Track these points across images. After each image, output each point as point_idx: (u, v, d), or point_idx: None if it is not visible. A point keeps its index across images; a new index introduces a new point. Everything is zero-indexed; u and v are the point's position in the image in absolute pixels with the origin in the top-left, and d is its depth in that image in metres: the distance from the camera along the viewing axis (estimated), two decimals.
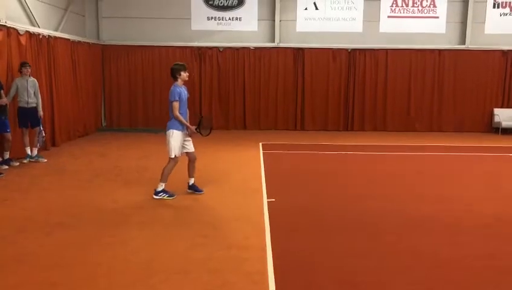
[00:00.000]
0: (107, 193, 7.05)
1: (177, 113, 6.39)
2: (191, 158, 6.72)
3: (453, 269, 4.30)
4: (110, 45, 14.78)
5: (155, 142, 12.24)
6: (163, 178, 6.50)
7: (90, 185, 7.53)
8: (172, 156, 6.47)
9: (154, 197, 6.47)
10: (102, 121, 15.04)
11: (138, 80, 15.04)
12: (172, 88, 6.46)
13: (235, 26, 14.96)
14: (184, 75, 6.54)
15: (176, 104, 6.40)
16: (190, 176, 6.83)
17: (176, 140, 6.44)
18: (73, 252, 4.63)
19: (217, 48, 14.91)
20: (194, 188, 6.85)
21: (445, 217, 5.93)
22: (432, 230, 5.43)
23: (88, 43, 13.61)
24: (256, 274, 4.11)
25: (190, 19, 14.92)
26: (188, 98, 6.78)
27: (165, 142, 6.57)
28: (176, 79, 6.52)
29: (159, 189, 6.50)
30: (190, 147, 6.68)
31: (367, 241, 5.02)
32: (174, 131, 6.43)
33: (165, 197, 6.44)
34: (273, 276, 4.04)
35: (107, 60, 14.87)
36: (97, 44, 14.42)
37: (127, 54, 14.86)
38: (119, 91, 15.02)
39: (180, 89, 6.50)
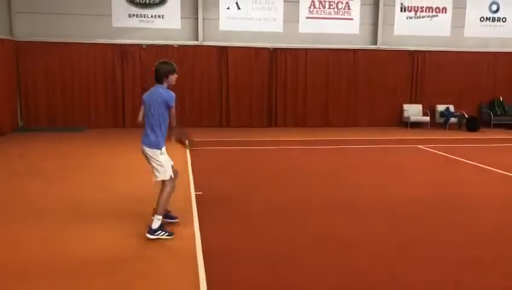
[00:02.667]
0: (28, 192, 6.86)
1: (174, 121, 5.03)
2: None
3: (363, 245, 4.79)
4: (25, 42, 14.12)
5: (76, 140, 11.97)
6: (160, 209, 4.91)
7: (9, 185, 7.28)
8: (167, 178, 5.01)
9: (149, 236, 4.82)
10: (19, 121, 14.34)
11: (57, 77, 14.52)
12: (166, 91, 4.96)
13: (158, 23, 14.93)
14: (173, 78, 5.06)
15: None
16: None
17: (167, 157, 5.05)
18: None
19: (139, 45, 14.79)
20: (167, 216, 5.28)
21: (358, 202, 6.49)
22: (345, 214, 5.94)
23: (0, 39, 12.93)
24: (186, 260, 4.33)
25: (111, 15, 14.66)
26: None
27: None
28: (160, 82, 4.97)
29: (155, 226, 4.84)
30: None
31: (286, 226, 5.41)
32: (163, 149, 4.99)
33: (163, 237, 4.83)
34: (202, 260, 4.29)
35: (22, 57, 14.19)
36: (10, 40, 13.72)
37: (44, 51, 14.27)
38: (36, 89, 14.41)
39: None
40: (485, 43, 16.58)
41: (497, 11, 16.56)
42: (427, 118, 16.04)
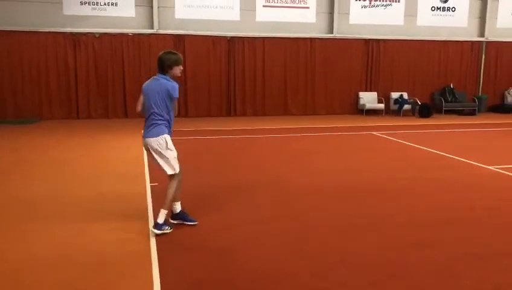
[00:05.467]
0: None
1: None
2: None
3: (316, 229, 4.90)
4: None
5: (28, 133, 11.57)
6: (167, 204, 4.73)
7: None
8: (176, 171, 4.79)
9: (155, 231, 4.61)
10: None
11: (5, 68, 13.95)
12: (169, 82, 4.67)
13: (111, 11, 14.55)
14: (177, 69, 4.71)
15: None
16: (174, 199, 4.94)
17: (173, 148, 4.78)
18: None
19: (92, 33, 14.38)
20: (182, 217, 4.97)
21: (312, 187, 6.60)
22: (299, 198, 6.04)
23: None
24: (139, 251, 4.27)
25: (61, 3, 14.18)
26: None
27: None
28: (164, 72, 4.67)
29: (161, 220, 4.64)
30: None
31: (241, 212, 5.45)
32: (167, 136, 4.73)
33: (167, 231, 4.67)
34: (156, 251, 4.25)
35: None
36: None
37: None
38: None
39: None
40: (436, 32, 17.11)
41: (446, 1, 17.08)
42: (382, 106, 16.45)
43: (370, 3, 16.41)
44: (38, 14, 13.98)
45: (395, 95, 16.74)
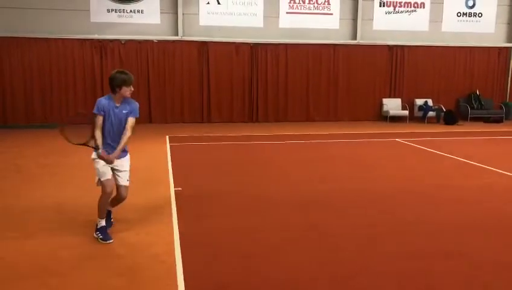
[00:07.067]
0: (6, 190, 6.77)
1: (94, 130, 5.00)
2: (118, 192, 5.04)
3: (337, 238, 4.86)
4: (1, 37, 13.87)
5: (55, 138, 11.81)
6: (98, 213, 4.85)
7: None
8: (96, 181, 4.96)
9: (94, 235, 4.82)
10: None
11: (34, 74, 14.32)
12: (101, 99, 4.99)
13: (137, 18, 14.81)
14: (127, 90, 4.98)
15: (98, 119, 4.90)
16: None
17: (98, 162, 4.98)
18: None
19: (118, 40, 14.65)
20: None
21: (334, 195, 6.56)
22: (322, 207, 6.00)
23: None
24: (164, 255, 4.33)
25: (89, 10, 14.50)
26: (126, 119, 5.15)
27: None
28: (113, 91, 4.93)
29: (97, 227, 4.85)
30: (122, 178, 5.06)
31: (265, 220, 5.45)
32: (93, 153, 5.11)
33: (98, 239, 4.75)
34: (180, 255, 4.30)
35: None
36: None
37: (20, 47, 14.07)
38: (13, 86, 14.20)
39: (110, 103, 4.96)
40: (462, 38, 16.84)
41: (473, 6, 16.83)
42: (406, 112, 16.26)
43: (394, 9, 16.29)
44: (66, 22, 14.33)
45: (419, 101, 16.53)
